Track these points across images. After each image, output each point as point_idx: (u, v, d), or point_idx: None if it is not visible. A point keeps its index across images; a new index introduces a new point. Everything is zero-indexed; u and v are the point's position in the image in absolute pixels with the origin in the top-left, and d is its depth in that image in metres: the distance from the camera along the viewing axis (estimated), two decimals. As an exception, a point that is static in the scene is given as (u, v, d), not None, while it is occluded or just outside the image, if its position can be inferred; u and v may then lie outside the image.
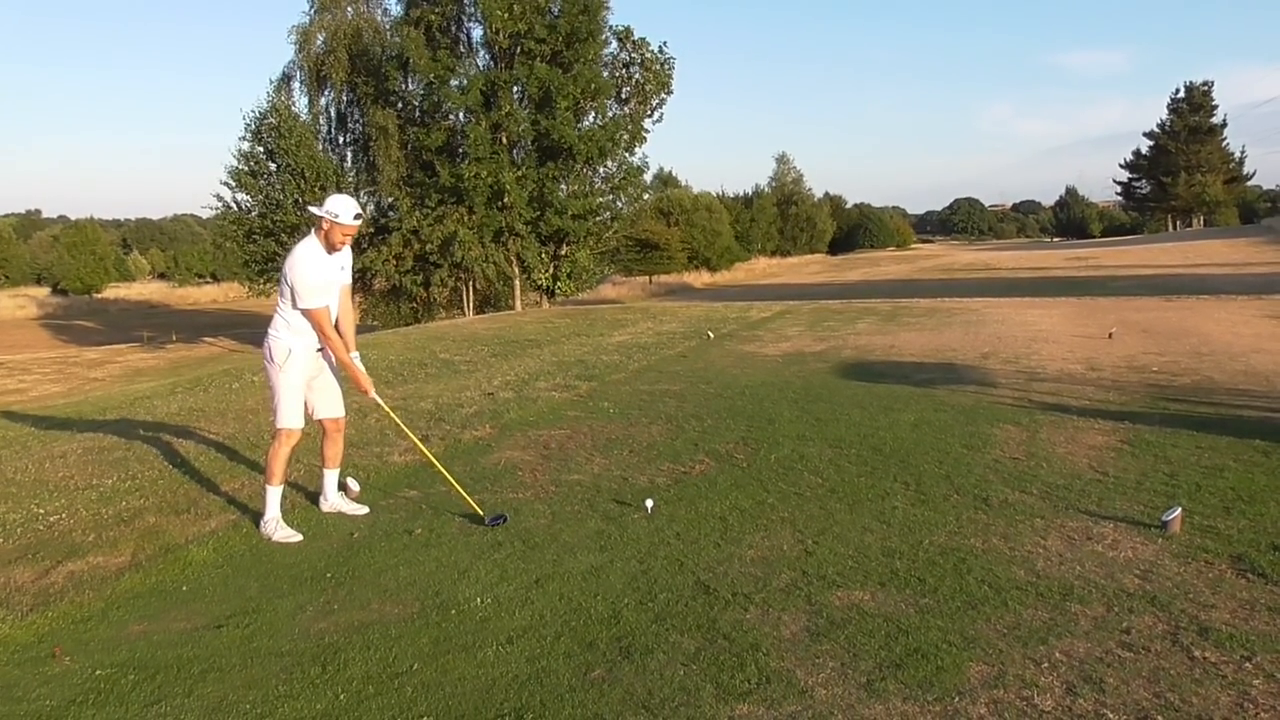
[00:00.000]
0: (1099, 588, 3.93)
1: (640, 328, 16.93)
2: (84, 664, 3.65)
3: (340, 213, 5.10)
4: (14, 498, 6.01)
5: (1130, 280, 27.01)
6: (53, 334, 47.45)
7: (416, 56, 27.97)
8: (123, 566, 4.78)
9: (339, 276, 5.33)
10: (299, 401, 5.33)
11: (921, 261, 58.26)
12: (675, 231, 55.17)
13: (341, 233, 5.16)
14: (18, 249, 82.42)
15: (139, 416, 8.95)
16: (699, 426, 7.61)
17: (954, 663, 3.29)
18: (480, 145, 27.71)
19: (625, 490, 5.82)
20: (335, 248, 5.21)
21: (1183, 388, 8.61)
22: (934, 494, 5.45)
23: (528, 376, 10.83)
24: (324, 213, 5.10)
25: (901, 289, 29.36)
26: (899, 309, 18.80)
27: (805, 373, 10.55)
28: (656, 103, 31.00)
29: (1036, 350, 11.62)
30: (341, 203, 5.16)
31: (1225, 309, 16.02)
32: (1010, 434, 6.90)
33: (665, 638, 3.63)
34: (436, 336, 16.67)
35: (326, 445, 5.57)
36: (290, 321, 5.18)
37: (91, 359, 30.98)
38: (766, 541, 4.75)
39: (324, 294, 5.17)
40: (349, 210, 5.14)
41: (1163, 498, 5.14)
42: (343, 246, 5.27)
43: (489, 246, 29.13)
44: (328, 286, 5.20)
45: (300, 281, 5.06)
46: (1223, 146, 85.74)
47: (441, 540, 5.02)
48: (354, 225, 5.20)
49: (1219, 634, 3.43)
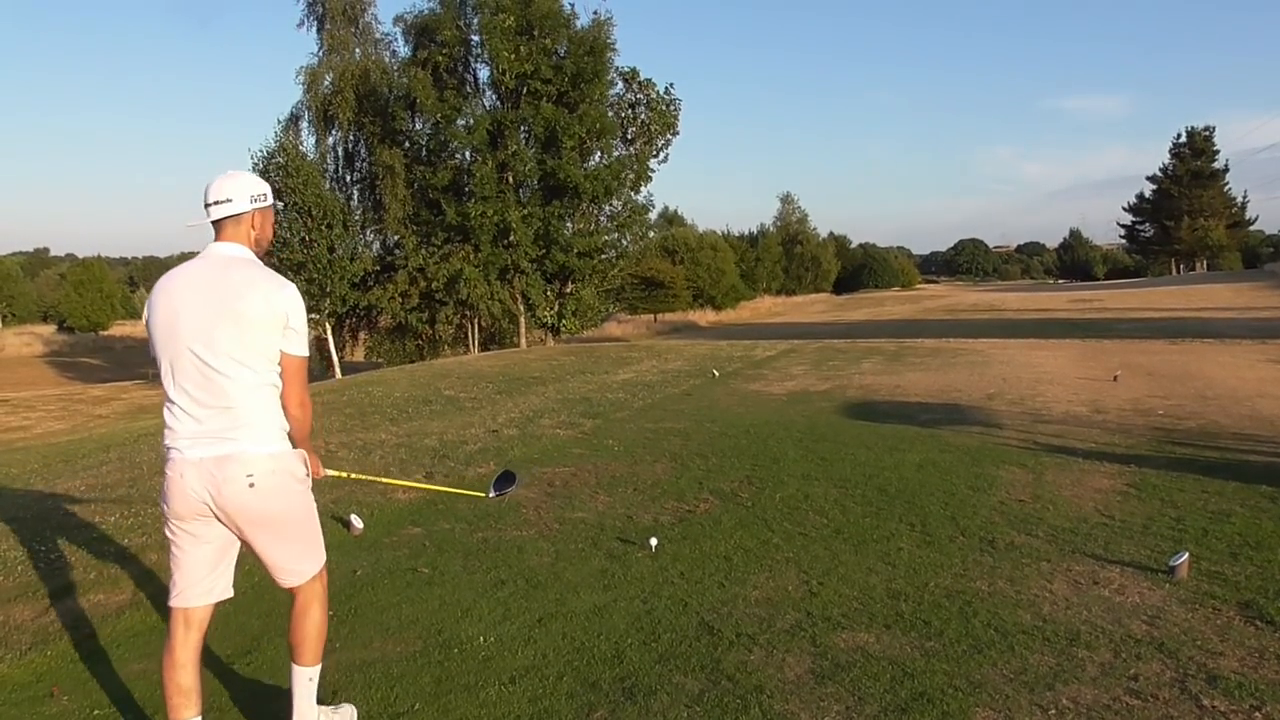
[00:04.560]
0: (1106, 633, 3.89)
1: (645, 366, 16.93)
2: (82, 703, 3.61)
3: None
4: (15, 534, 5.99)
5: (1134, 323, 27.00)
6: (58, 371, 47.58)
7: (423, 97, 28.33)
8: (123, 604, 4.75)
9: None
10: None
11: (926, 302, 58.31)
12: (680, 270, 55.34)
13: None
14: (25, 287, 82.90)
15: (142, 454, 8.94)
16: (703, 465, 7.59)
17: (960, 708, 3.26)
18: (486, 184, 28.00)
19: (629, 529, 5.79)
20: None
21: (1188, 431, 8.58)
22: (939, 536, 5.42)
23: (532, 414, 10.82)
24: (264, 202, 3.13)
25: (906, 329, 29.36)
26: (904, 349, 18.80)
27: (810, 412, 10.54)
28: (662, 143, 31.29)
29: (1041, 392, 11.60)
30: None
31: (1230, 353, 16.00)
32: (1016, 476, 6.87)
33: (669, 679, 3.59)
34: (441, 374, 16.68)
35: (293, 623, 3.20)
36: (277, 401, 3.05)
37: (96, 396, 31.01)
38: (771, 582, 4.72)
39: None
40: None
41: (1169, 542, 5.10)
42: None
43: (494, 284, 29.30)
44: None
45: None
46: (1225, 191, 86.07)
47: (444, 578, 4.99)
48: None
49: (1227, 682, 3.40)
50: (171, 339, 2.93)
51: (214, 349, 2.88)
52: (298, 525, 3.07)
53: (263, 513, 2.94)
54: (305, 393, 3.10)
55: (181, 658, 3.02)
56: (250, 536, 2.98)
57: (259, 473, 2.90)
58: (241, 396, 2.90)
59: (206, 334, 2.88)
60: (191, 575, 3.02)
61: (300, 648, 3.13)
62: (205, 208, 3.04)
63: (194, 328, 2.90)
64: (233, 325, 2.88)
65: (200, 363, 2.88)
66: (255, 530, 2.97)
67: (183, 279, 3.00)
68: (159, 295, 3.00)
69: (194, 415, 2.90)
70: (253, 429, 2.92)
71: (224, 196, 3.01)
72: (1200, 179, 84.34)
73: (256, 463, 2.90)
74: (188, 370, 2.90)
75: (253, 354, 2.91)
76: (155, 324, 2.98)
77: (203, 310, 2.90)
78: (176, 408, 2.92)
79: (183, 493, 2.90)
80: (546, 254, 29.40)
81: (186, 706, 3.01)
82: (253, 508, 2.92)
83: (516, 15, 27.93)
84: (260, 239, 3.12)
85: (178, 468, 2.91)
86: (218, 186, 3.03)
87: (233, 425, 2.89)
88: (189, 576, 3.02)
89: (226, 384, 2.88)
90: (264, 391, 2.96)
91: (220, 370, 2.88)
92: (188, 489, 2.89)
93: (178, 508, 2.93)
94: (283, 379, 3.00)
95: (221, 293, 2.91)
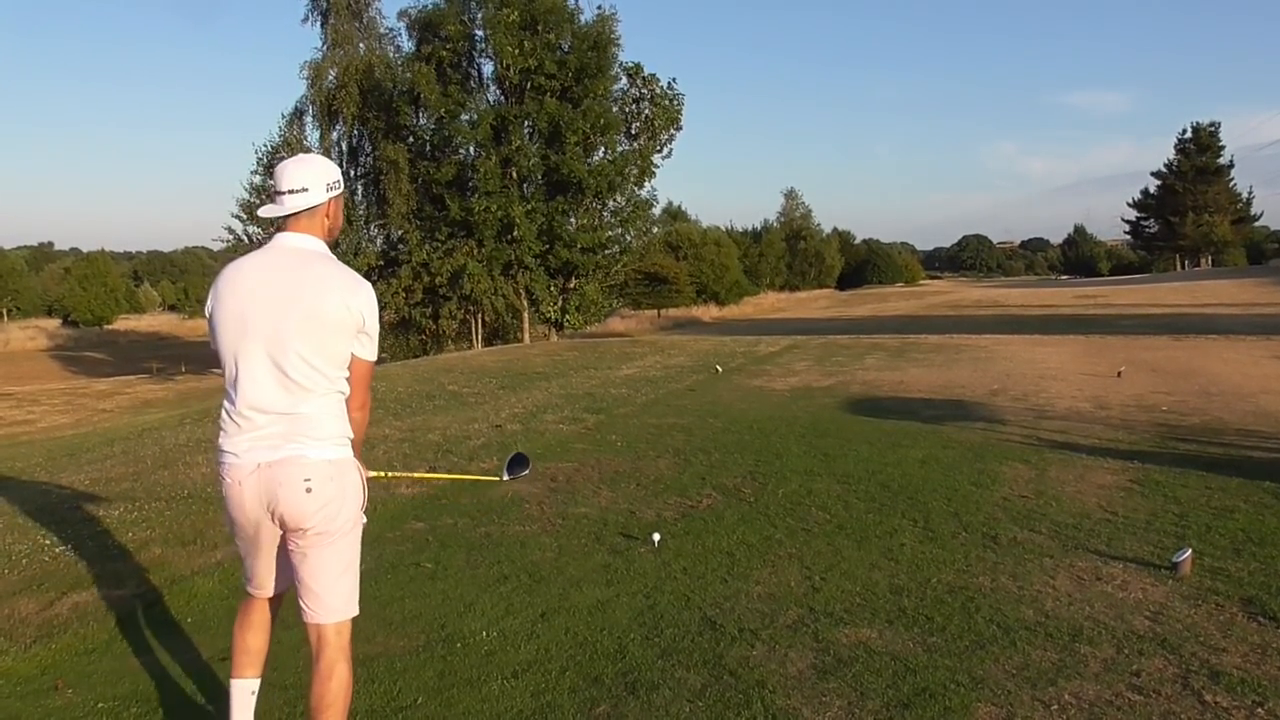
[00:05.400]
0: (1108, 629, 3.89)
1: (648, 361, 16.94)
2: (86, 697, 3.62)
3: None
4: (20, 529, 6.01)
5: (1138, 319, 26.96)
6: (62, 365, 47.61)
7: (427, 92, 28.30)
8: (128, 598, 4.76)
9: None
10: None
11: (930, 298, 58.28)
12: (684, 265, 55.30)
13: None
14: (29, 281, 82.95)
15: (146, 448, 8.97)
16: (706, 461, 7.59)
17: (962, 703, 3.26)
18: (490, 179, 27.99)
19: (632, 524, 5.79)
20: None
21: (1192, 428, 8.57)
22: (942, 531, 5.42)
23: (535, 409, 10.83)
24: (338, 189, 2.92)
25: (910, 325, 29.35)
26: (907, 345, 18.80)
27: (813, 408, 10.54)
28: (666, 138, 31.26)
29: (1045, 388, 11.60)
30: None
31: (1234, 349, 15.98)
32: (1019, 472, 6.87)
33: (671, 674, 3.60)
34: (445, 369, 16.70)
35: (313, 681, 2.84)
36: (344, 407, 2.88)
37: (100, 390, 31.04)
38: (773, 577, 4.72)
39: None
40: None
41: (1172, 539, 5.10)
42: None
43: (498, 279, 29.29)
44: None
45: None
46: (1230, 187, 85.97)
47: (448, 573, 5.00)
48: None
49: (1230, 678, 3.39)
50: (240, 337, 2.70)
51: (286, 351, 2.67)
52: (347, 542, 2.84)
53: (317, 520, 2.72)
54: (369, 396, 2.95)
55: (257, 621, 3.00)
56: (302, 547, 2.76)
57: (317, 478, 2.70)
58: (310, 402, 2.71)
59: (279, 335, 2.67)
60: (266, 570, 2.92)
61: (323, 714, 2.74)
62: (277, 196, 2.78)
63: (265, 327, 2.68)
64: (308, 327, 2.68)
65: (270, 365, 2.68)
66: (307, 540, 2.75)
67: (253, 272, 2.76)
68: (225, 288, 2.76)
69: (256, 419, 2.69)
70: (315, 435, 2.72)
71: (300, 185, 2.76)
72: (1205, 175, 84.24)
73: (315, 468, 2.70)
74: (255, 372, 2.68)
75: (326, 358, 2.72)
76: (221, 320, 2.74)
77: (275, 309, 2.68)
78: (238, 410, 2.71)
79: (241, 502, 2.73)
80: (550, 249, 29.40)
81: (250, 665, 2.98)
82: (308, 513, 2.71)
83: (521, 10, 27.89)
84: (333, 228, 2.90)
85: (235, 474, 2.72)
86: (293, 173, 2.78)
87: (295, 430, 2.69)
88: (264, 573, 2.92)
89: (296, 389, 2.69)
90: (332, 397, 2.76)
91: (290, 374, 2.67)
92: (246, 497, 2.72)
93: (238, 517, 2.77)
94: (349, 382, 2.83)
95: (296, 291, 2.70)
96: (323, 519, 2.73)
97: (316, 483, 2.70)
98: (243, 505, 2.74)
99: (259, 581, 2.95)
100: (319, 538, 2.76)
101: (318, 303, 2.69)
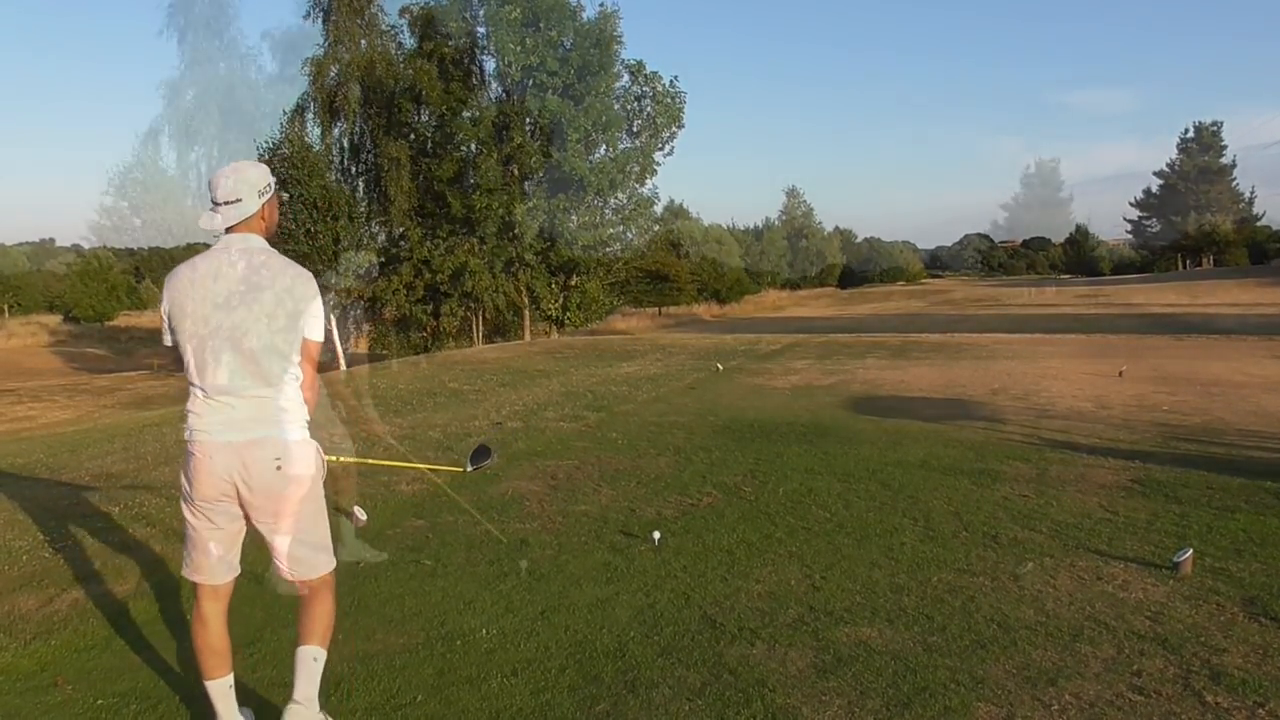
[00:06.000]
0: (1109, 629, 3.89)
1: (649, 359, 16.95)
2: (86, 693, 3.62)
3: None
4: (20, 525, 6.01)
5: (1140, 319, 26.96)
6: (64, 361, 47.57)
7: (429, 89, 28.30)
8: (128, 594, 4.76)
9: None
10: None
11: (932, 296, 58.26)
12: (685, 263, 55.29)
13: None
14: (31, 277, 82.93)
15: (147, 444, 8.97)
16: (707, 459, 7.59)
17: (962, 703, 3.26)
18: (491, 176, 27.97)
19: (632, 522, 5.79)
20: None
21: (1193, 428, 8.56)
22: (943, 530, 5.41)
23: (536, 406, 10.83)
24: (269, 193, 3.13)
25: (911, 324, 29.34)
26: (908, 344, 18.80)
27: (814, 406, 10.53)
28: (667, 136, 31.22)
29: (1046, 387, 11.60)
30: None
31: (1235, 349, 15.98)
32: (1020, 471, 6.87)
33: (671, 672, 3.60)
34: (445, 366, 16.71)
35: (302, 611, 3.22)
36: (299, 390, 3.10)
37: (101, 386, 31.05)
38: (773, 576, 4.72)
39: None
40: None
41: (1173, 538, 5.09)
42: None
43: (499, 277, 29.31)
44: None
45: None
46: (1232, 187, 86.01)
47: (448, 570, 4.99)
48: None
49: (1231, 679, 3.39)
50: (204, 331, 2.93)
51: (245, 339, 2.92)
52: (316, 514, 3.13)
53: (287, 496, 3.01)
54: (316, 375, 3.15)
55: (213, 624, 3.13)
56: (271, 521, 3.02)
57: (286, 457, 2.98)
58: (272, 385, 2.97)
59: (237, 324, 2.92)
60: (210, 555, 3.08)
61: (308, 629, 3.14)
62: (215, 206, 3.02)
63: (227, 321, 2.93)
64: (264, 315, 2.94)
65: (231, 353, 2.92)
66: (277, 516, 3.02)
67: (206, 270, 2.99)
68: (180, 285, 2.99)
69: (224, 404, 2.95)
70: (282, 416, 3.00)
71: (234, 196, 3.00)
72: (1207, 174, 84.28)
73: (284, 448, 2.99)
74: (218, 360, 2.93)
75: (282, 343, 2.97)
76: (178, 315, 2.98)
77: (234, 303, 2.94)
78: (204, 397, 2.97)
79: (210, 473, 2.95)
80: (551, 247, 29.43)
81: (219, 667, 3.12)
82: (278, 490, 2.98)
83: (523, 7, 27.90)
84: (270, 226, 3.15)
85: (205, 449, 2.95)
86: (225, 185, 3.00)
87: (263, 412, 2.96)
88: (209, 556, 3.08)
89: (257, 373, 2.94)
90: (290, 380, 3.03)
91: (251, 360, 2.94)
92: (216, 469, 2.94)
93: (203, 489, 2.97)
94: (301, 366, 3.07)
95: (249, 283, 2.96)
96: (293, 496, 3.02)
97: (285, 461, 2.99)
98: (210, 478, 2.96)
99: (200, 564, 3.10)
100: (291, 514, 3.05)
101: (270, 294, 2.96)
